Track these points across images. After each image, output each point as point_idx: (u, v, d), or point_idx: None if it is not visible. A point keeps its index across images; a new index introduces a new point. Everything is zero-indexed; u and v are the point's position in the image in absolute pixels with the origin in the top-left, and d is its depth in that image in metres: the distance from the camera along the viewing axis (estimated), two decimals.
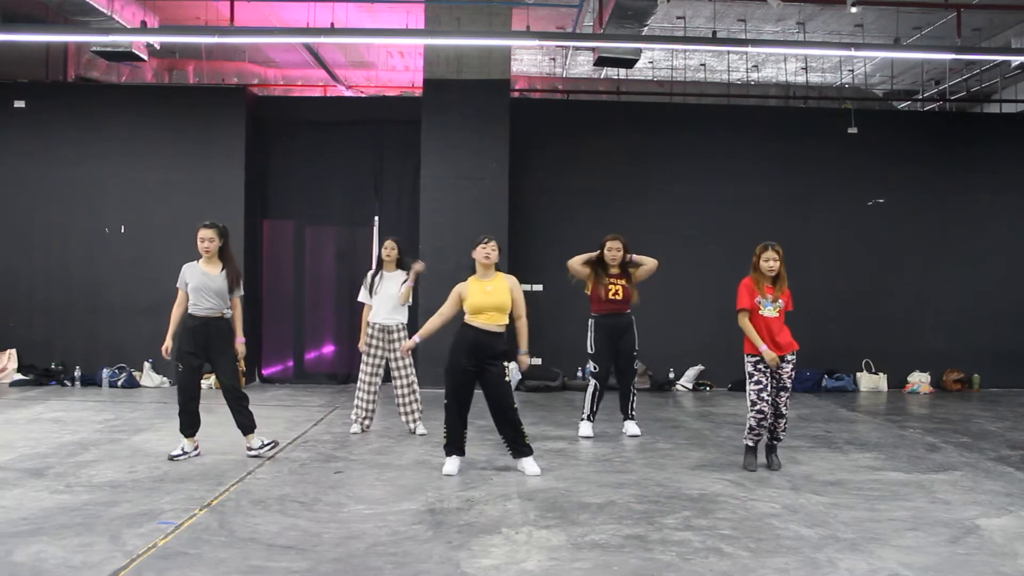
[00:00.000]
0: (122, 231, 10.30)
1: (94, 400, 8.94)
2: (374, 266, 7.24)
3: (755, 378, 5.78)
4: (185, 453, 6.00)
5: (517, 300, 5.73)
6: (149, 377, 10.02)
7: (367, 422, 7.12)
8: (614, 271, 7.04)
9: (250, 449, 6.07)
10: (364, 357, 7.02)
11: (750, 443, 5.93)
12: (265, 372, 10.59)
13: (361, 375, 7.02)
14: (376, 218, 10.73)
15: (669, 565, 3.88)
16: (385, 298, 6.97)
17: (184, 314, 5.99)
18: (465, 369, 5.59)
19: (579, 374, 10.47)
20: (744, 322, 5.80)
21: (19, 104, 10.36)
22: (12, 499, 4.86)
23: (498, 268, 5.82)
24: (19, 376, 10.03)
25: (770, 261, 5.82)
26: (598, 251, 7.08)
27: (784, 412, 5.88)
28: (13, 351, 10.19)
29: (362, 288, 7.13)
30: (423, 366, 7.29)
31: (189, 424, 6.02)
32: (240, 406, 6.03)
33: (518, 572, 3.78)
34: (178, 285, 6.04)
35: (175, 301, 6.05)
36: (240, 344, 6.13)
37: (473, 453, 6.27)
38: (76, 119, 10.38)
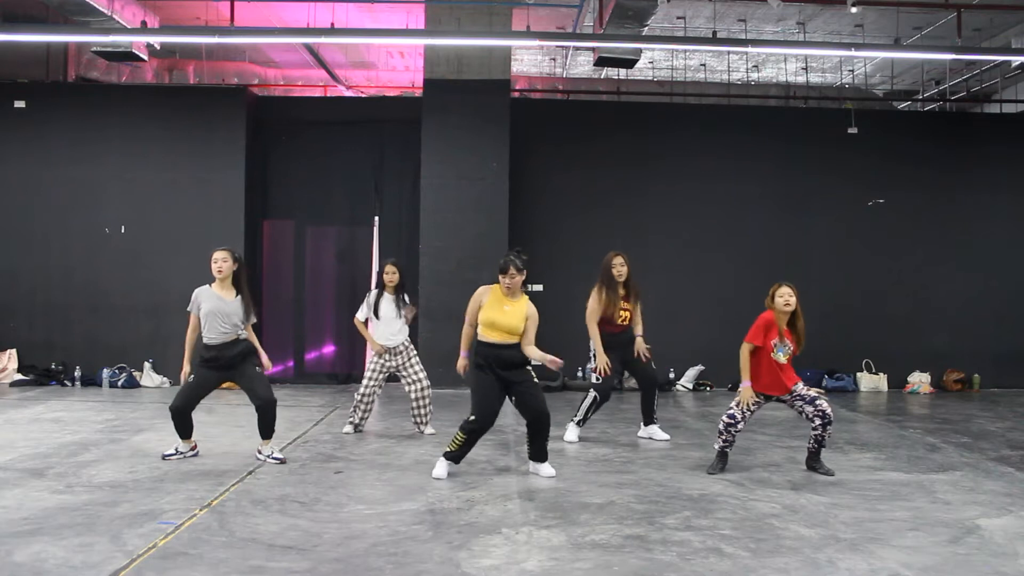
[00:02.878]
0: (122, 231, 10.30)
1: (94, 400, 8.94)
2: (374, 287, 7.11)
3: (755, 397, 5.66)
4: (179, 453, 5.99)
5: (529, 329, 5.53)
6: (149, 377, 10.03)
7: (362, 424, 7.14)
8: (623, 292, 6.77)
9: (260, 452, 6.02)
10: (370, 364, 7.01)
11: (718, 446, 5.81)
12: (265, 372, 10.58)
13: (366, 380, 7.01)
14: (376, 218, 10.73)
15: (669, 565, 3.88)
16: (387, 321, 6.94)
17: (197, 342, 5.86)
18: (495, 387, 5.46)
19: (579, 374, 10.47)
20: (744, 354, 5.66)
21: (19, 104, 10.37)
22: (13, 499, 4.86)
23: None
24: (19, 376, 10.04)
25: (785, 296, 5.65)
26: (600, 280, 6.80)
27: (832, 419, 5.65)
28: (13, 351, 10.20)
29: (363, 306, 7.02)
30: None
31: (182, 428, 5.94)
32: (270, 415, 5.95)
33: (518, 572, 3.78)
34: (189, 309, 5.86)
35: (187, 327, 5.88)
36: (266, 360, 6.11)
37: (473, 453, 6.26)
38: (76, 119, 10.38)
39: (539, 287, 10.43)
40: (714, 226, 10.73)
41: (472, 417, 5.47)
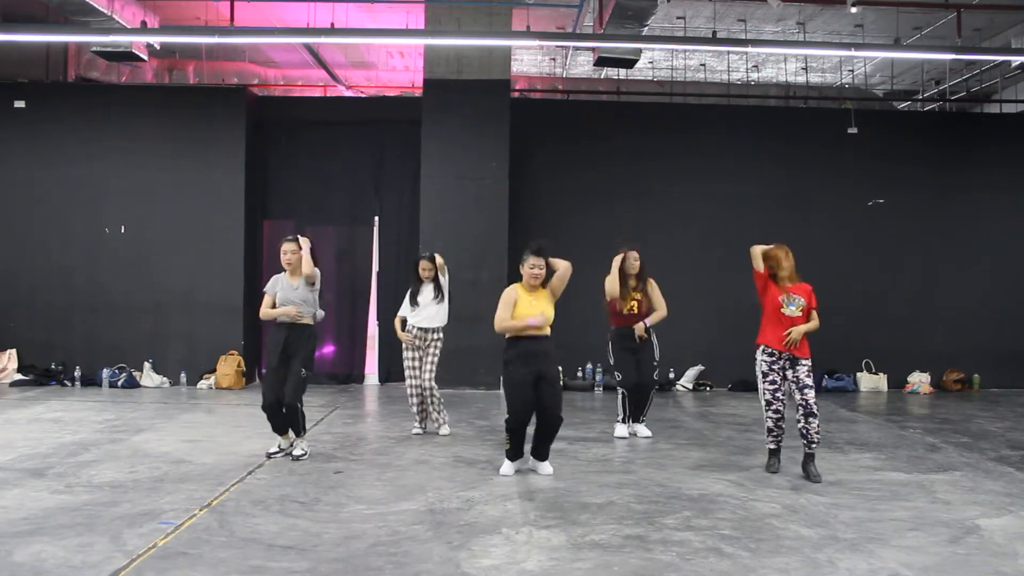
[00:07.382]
0: (122, 231, 10.29)
1: (94, 400, 8.94)
2: (413, 282, 7.22)
3: (769, 377, 5.69)
4: (281, 450, 6.15)
5: (557, 288, 5.70)
6: (149, 377, 10.02)
7: (424, 424, 7.20)
8: (632, 283, 7.01)
9: (281, 450, 6.14)
10: (406, 354, 7.11)
11: (772, 446, 5.87)
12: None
13: (407, 379, 7.12)
14: (376, 218, 10.74)
15: (669, 565, 3.88)
16: (424, 305, 7.08)
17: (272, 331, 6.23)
18: (525, 381, 5.51)
19: (579, 374, 10.47)
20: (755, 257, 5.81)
21: (19, 104, 10.37)
22: (12, 499, 4.86)
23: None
24: (19, 376, 10.04)
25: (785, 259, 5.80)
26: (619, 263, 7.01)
27: (815, 411, 5.62)
28: (13, 351, 10.19)
29: (405, 302, 7.19)
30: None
31: (275, 425, 6.11)
32: (287, 417, 6.04)
33: (518, 572, 3.78)
34: (265, 290, 6.25)
35: (262, 305, 6.24)
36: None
37: (473, 453, 6.29)
38: (76, 119, 10.38)
39: None
40: (714, 226, 10.72)
41: (507, 416, 5.57)
